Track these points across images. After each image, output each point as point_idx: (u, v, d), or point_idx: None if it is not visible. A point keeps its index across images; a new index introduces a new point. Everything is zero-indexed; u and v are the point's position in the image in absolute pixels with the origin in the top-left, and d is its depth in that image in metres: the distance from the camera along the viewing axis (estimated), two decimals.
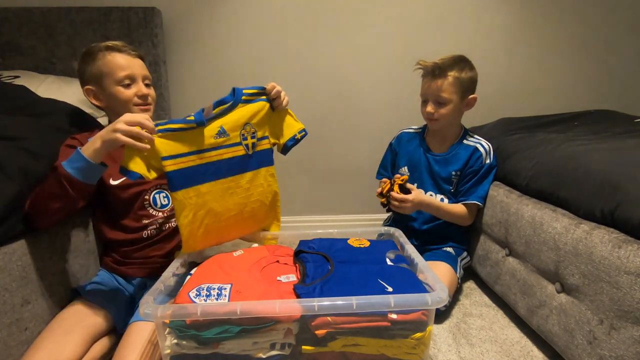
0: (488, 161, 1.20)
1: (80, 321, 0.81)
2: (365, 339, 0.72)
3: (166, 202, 0.99)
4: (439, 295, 0.69)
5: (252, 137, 0.91)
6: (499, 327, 1.06)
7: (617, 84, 1.75)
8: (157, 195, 0.98)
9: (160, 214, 0.98)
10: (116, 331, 0.88)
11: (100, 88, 0.92)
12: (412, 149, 1.30)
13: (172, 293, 0.80)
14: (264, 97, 0.94)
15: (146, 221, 0.96)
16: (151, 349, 0.78)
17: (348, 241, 0.98)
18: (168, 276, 0.80)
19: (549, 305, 0.89)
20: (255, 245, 1.02)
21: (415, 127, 1.36)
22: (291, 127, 1.00)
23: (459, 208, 1.20)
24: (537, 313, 0.93)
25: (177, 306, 0.69)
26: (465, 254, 1.28)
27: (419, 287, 0.76)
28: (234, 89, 0.90)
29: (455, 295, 1.21)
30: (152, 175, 0.78)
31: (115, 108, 0.93)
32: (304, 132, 1.02)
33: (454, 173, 1.22)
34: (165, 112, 1.59)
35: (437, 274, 0.79)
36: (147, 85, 0.96)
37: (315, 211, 1.84)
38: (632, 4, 1.68)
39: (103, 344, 0.85)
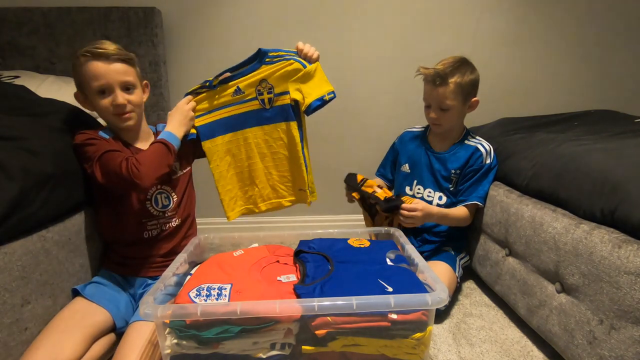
0: (488, 161, 1.20)
1: (80, 321, 0.81)
2: (365, 339, 0.72)
3: (167, 202, 0.99)
4: (439, 296, 0.69)
5: (269, 93, 1.01)
6: (499, 327, 1.06)
7: (617, 84, 1.75)
8: (158, 196, 0.98)
9: (161, 214, 0.98)
10: (116, 331, 0.88)
11: (84, 95, 0.91)
12: (414, 147, 1.32)
13: (172, 293, 0.80)
14: (290, 55, 1.01)
15: (147, 221, 0.96)
16: (151, 349, 0.78)
17: (348, 241, 0.98)
18: (168, 276, 0.80)
19: (549, 305, 0.89)
20: (255, 245, 1.02)
21: (419, 126, 1.37)
22: (320, 87, 1.01)
23: (461, 211, 1.19)
24: (537, 313, 0.93)
25: (177, 306, 0.69)
26: (464, 253, 1.28)
27: (419, 287, 0.76)
28: (259, 50, 1.00)
29: (455, 295, 1.21)
30: (193, 131, 1.02)
31: (100, 116, 0.94)
32: (332, 95, 1.02)
33: (453, 171, 1.22)
34: (165, 112, 1.59)
35: (436, 274, 0.79)
36: (127, 90, 0.90)
37: (315, 211, 1.84)
38: (632, 4, 1.68)
39: (103, 343, 0.85)
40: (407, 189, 1.31)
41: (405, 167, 1.32)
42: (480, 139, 1.25)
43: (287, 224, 1.81)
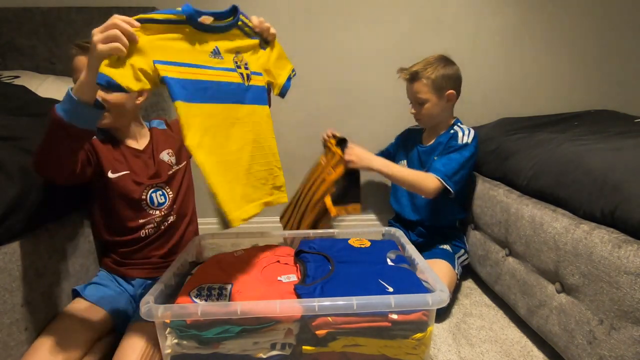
0: (463, 141, 1.20)
1: (80, 321, 0.81)
2: (365, 339, 0.72)
3: (163, 200, 0.98)
4: (439, 296, 0.69)
5: (246, 69, 0.83)
6: (499, 327, 1.06)
7: (617, 84, 1.75)
8: (153, 194, 0.97)
9: (157, 212, 0.97)
10: (116, 331, 0.88)
11: None
12: (410, 145, 1.38)
13: (173, 293, 0.80)
14: (255, 35, 0.87)
15: (143, 220, 0.95)
16: (151, 349, 0.78)
17: (349, 241, 0.98)
18: (169, 276, 0.80)
19: (549, 305, 0.89)
20: (256, 244, 1.02)
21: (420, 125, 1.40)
22: (285, 67, 0.93)
23: (414, 172, 1.18)
24: (537, 313, 0.93)
25: (178, 306, 0.69)
26: (462, 251, 1.28)
27: (419, 287, 0.76)
28: (235, 7, 0.81)
29: (455, 295, 1.21)
30: (139, 86, 0.64)
31: None
32: (294, 72, 0.96)
33: (436, 158, 1.24)
34: (165, 112, 1.59)
35: (435, 271, 0.79)
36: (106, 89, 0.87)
37: None
38: (632, 4, 1.68)
39: (103, 344, 0.85)
40: None
41: (403, 163, 1.37)
42: (464, 125, 1.27)
43: None
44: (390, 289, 0.74)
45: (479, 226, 1.25)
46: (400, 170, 1.17)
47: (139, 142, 0.99)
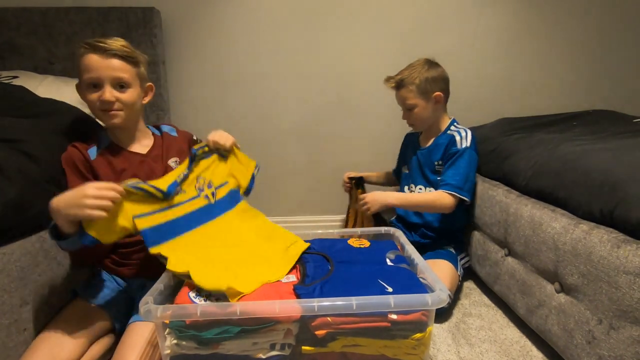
0: (463, 145, 1.21)
1: (79, 322, 0.80)
2: (365, 339, 0.72)
3: None
4: (439, 296, 0.69)
5: (209, 187, 0.93)
6: (498, 327, 1.06)
7: (616, 84, 1.75)
8: None
9: None
10: (115, 332, 0.88)
11: (80, 87, 0.90)
12: (409, 149, 1.40)
13: (172, 293, 0.80)
14: (209, 152, 0.96)
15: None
16: (151, 349, 0.78)
17: (348, 241, 0.98)
18: (168, 276, 0.80)
19: (548, 305, 0.89)
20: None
21: None
22: (248, 167, 1.03)
23: (429, 195, 1.22)
24: (537, 313, 0.93)
25: (177, 306, 0.69)
26: (464, 254, 1.29)
27: (419, 287, 0.76)
28: (192, 154, 0.91)
29: (455, 295, 1.21)
30: (118, 237, 0.76)
31: (89, 108, 0.92)
32: (258, 167, 1.05)
33: (436, 163, 1.27)
34: (165, 112, 1.59)
35: (438, 271, 0.80)
36: (120, 87, 0.88)
37: (315, 211, 1.84)
38: (631, 4, 1.69)
39: (102, 344, 0.85)
40: (406, 188, 1.36)
41: (405, 169, 1.39)
42: (460, 126, 1.28)
43: (287, 224, 1.80)
44: (390, 289, 0.74)
45: (479, 226, 1.25)
46: (415, 198, 1.25)
47: (143, 146, 0.98)
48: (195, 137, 1.10)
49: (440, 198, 1.17)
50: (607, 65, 1.74)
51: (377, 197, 1.20)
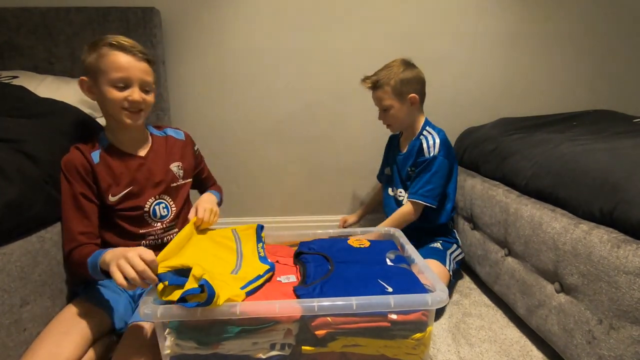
0: (431, 153, 1.20)
1: (80, 322, 0.80)
2: (365, 339, 0.72)
3: (165, 212, 0.97)
4: (439, 296, 0.70)
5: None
6: (498, 327, 1.06)
7: (616, 84, 1.75)
8: (156, 207, 0.96)
9: (159, 224, 0.96)
10: (115, 332, 0.88)
11: (95, 83, 0.88)
12: (392, 152, 1.40)
13: None
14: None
15: (145, 232, 0.94)
16: (151, 349, 0.78)
17: (348, 241, 0.98)
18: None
19: (548, 305, 0.89)
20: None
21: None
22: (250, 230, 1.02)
23: (402, 210, 1.22)
24: (537, 313, 0.93)
25: (177, 307, 0.69)
26: (454, 247, 1.28)
27: (419, 287, 0.76)
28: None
29: (455, 295, 1.21)
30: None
31: (104, 106, 0.90)
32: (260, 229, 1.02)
33: (409, 169, 1.27)
34: (165, 113, 1.59)
35: None
36: (145, 92, 0.90)
37: (315, 211, 1.84)
38: (631, 5, 1.69)
39: (102, 345, 0.85)
40: (390, 190, 1.38)
41: (388, 171, 1.41)
42: (431, 130, 1.26)
43: (287, 224, 1.81)
44: (390, 289, 0.74)
45: (478, 226, 1.25)
46: (389, 224, 1.21)
47: (141, 147, 0.97)
48: (195, 147, 1.10)
49: (406, 214, 1.21)
50: (607, 65, 1.74)
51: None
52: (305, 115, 1.72)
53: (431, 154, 1.20)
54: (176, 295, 0.68)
